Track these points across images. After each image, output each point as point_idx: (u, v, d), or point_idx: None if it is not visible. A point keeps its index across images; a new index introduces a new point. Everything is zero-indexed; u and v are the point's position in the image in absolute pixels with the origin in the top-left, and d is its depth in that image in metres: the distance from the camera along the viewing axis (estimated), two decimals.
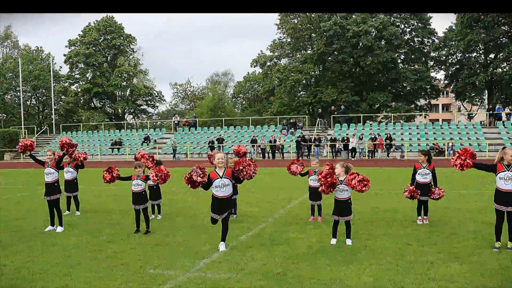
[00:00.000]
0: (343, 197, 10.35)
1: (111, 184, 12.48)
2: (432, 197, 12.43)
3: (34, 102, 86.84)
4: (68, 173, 15.08)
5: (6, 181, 29.07)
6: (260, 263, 8.92)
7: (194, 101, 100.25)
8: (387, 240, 10.60)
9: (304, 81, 69.39)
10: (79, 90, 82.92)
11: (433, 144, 45.29)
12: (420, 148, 43.22)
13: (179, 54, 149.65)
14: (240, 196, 14.69)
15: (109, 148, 57.47)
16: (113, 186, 15.41)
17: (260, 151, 49.70)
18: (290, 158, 41.23)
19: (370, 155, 45.57)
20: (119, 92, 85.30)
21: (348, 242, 10.29)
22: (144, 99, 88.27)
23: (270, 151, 49.17)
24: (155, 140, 58.73)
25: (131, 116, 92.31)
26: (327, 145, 47.66)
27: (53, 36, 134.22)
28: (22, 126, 68.31)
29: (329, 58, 66.05)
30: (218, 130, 59.03)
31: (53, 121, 74.47)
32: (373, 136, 46.45)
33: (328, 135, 50.57)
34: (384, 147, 45.88)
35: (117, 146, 57.12)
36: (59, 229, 12.42)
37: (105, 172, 12.07)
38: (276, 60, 77.87)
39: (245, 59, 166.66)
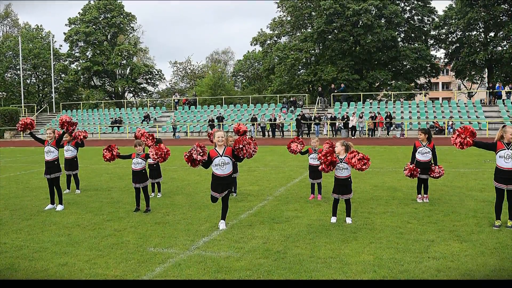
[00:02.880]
0: (343, 176, 10.30)
1: (111, 162, 12.41)
2: (432, 175, 12.41)
3: (34, 81, 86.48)
4: (68, 152, 15.06)
5: (6, 159, 29.01)
6: (260, 241, 8.92)
7: (194, 80, 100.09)
8: (387, 218, 10.60)
9: (304, 60, 69.22)
10: (79, 68, 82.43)
11: (433, 122, 45.30)
12: (420, 126, 43.28)
13: (179, 32, 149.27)
14: (240, 174, 14.77)
15: (109, 126, 57.52)
16: (113, 165, 15.42)
17: (260, 130, 49.91)
18: (290, 137, 41.55)
19: (370, 133, 45.79)
20: (119, 71, 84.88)
21: (348, 220, 10.30)
22: (144, 77, 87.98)
23: (270, 130, 49.34)
24: (155, 119, 58.87)
25: (131, 95, 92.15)
26: (327, 124, 47.93)
27: (53, 14, 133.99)
28: (22, 105, 68.18)
29: (329, 36, 65.61)
30: (218, 108, 59.19)
31: (53, 100, 74.29)
32: (373, 115, 46.66)
33: (328, 113, 50.75)
34: (384, 125, 46.10)
35: (117, 125, 57.18)
36: (59, 207, 12.44)
37: (105, 150, 12.03)
38: (276, 39, 77.76)
39: (245, 38, 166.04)
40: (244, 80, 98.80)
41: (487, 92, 54.44)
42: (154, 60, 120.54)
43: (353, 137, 44.13)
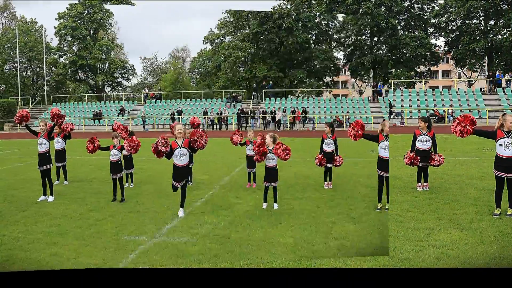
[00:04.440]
0: (271, 165, 11.43)
1: (93, 154, 13.04)
2: (432, 163, 12.46)
3: (29, 73, 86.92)
4: (58, 144, 15.45)
5: (3, 151, 29.29)
6: (210, 227, 9.80)
7: (159, 75, 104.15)
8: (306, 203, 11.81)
9: (243, 58, 73.27)
10: (67, 62, 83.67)
11: (433, 110, 45.36)
12: (420, 115, 43.22)
13: (147, 29, 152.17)
14: (194, 164, 15.56)
15: (91, 119, 58.96)
16: (94, 156, 15.93)
17: (210, 123, 53.37)
18: (233, 129, 43.26)
19: (291, 126, 50.66)
20: (100, 65, 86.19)
21: (275, 206, 11.38)
22: (119, 72, 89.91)
23: (217, 123, 53.92)
24: (128, 112, 60.75)
25: (109, 89, 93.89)
26: (260, 117, 52.99)
27: (46, 8, 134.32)
28: (19, 97, 68.32)
29: (261, 37, 69.54)
30: (178, 102, 62.61)
31: (45, 92, 75.01)
32: (293, 110, 51.91)
33: (261, 108, 54.99)
34: (301, 119, 51.31)
35: (98, 117, 58.75)
36: (50, 198, 12.83)
37: (88, 142, 12.68)
38: (222, 38, 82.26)
39: (200, 36, 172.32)
40: (198, 76, 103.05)
41: (487, 80, 54.42)
42: (128, 56, 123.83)
43: (278, 130, 47.75)
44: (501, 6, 60.83)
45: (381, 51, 70.05)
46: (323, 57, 70.43)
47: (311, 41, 73.16)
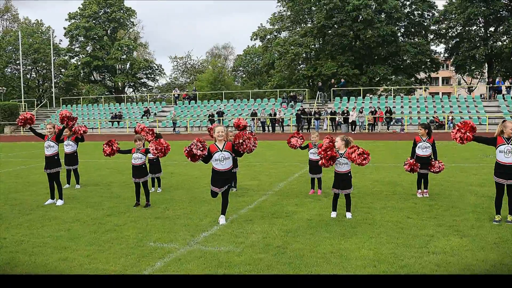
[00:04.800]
0: (343, 171, 10.31)
1: (111, 157, 12.42)
2: (432, 170, 12.43)
3: (34, 76, 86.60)
4: (68, 147, 15.08)
5: (6, 154, 29.01)
6: (260, 236, 8.92)
7: (194, 75, 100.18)
8: (387, 213, 10.61)
9: (304, 55, 69.12)
10: (79, 63, 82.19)
11: (433, 117, 45.29)
12: (420, 121, 43.22)
13: (179, 27, 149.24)
14: (240, 169, 14.75)
15: (109, 121, 57.38)
16: (113, 159, 15.46)
17: (260, 124, 49.82)
18: (290, 131, 41.37)
19: (370, 128, 45.68)
20: (119, 66, 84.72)
21: (348, 215, 10.31)
22: (144, 72, 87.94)
23: (270, 124, 49.34)
24: (155, 114, 58.72)
25: (131, 90, 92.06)
26: (327, 119, 47.74)
27: (53, 9, 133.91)
28: (22, 100, 68.11)
29: (329, 31, 65.66)
30: (218, 103, 58.96)
31: (53, 95, 74.33)
32: (373, 110, 46.51)
33: (328, 108, 50.62)
34: (384, 120, 46.03)
35: (117, 120, 57.07)
36: (59, 202, 12.45)
37: (105, 145, 12.03)
38: (276, 34, 77.25)
39: (245, 32, 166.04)
40: (244, 75, 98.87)
41: (487, 87, 54.36)
42: (154, 55, 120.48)
43: (353, 132, 44.15)
44: (501, 12, 60.87)
45: (499, 42, 63.24)
46: (415, 51, 63.00)
47: (399, 34, 67.10)
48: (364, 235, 8.85)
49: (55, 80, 78.33)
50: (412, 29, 68.90)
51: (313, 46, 68.60)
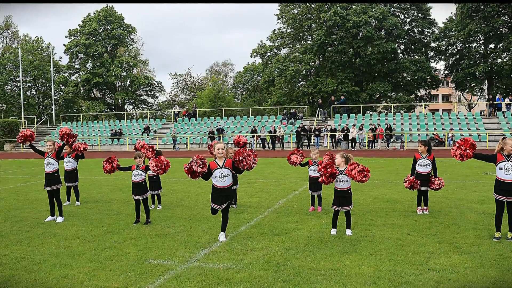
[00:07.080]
0: (343, 188, 10.27)
1: (111, 174, 12.41)
2: (432, 187, 12.43)
3: (34, 93, 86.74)
4: (68, 164, 15.06)
5: (6, 171, 29.00)
6: (260, 253, 8.90)
7: (194, 92, 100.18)
8: (387, 230, 10.59)
9: (304, 72, 69.42)
10: (79, 80, 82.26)
11: (433, 134, 45.33)
12: (420, 138, 43.28)
13: (179, 43, 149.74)
14: (240, 186, 14.80)
15: (109, 138, 57.44)
16: (113, 176, 15.44)
17: (260, 142, 49.79)
18: (290, 148, 41.50)
19: (370, 145, 45.80)
20: (119, 83, 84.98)
21: (348, 232, 10.29)
22: (144, 89, 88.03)
23: (270, 141, 49.24)
24: (155, 131, 58.78)
25: (131, 107, 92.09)
26: (327, 136, 47.79)
27: (53, 26, 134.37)
28: (22, 117, 68.28)
29: (329, 48, 66.13)
30: (218, 120, 59.04)
31: (53, 112, 74.51)
32: (373, 127, 46.65)
33: (328, 125, 50.57)
34: (384, 137, 46.11)
35: (117, 137, 57.13)
36: (59, 219, 12.44)
37: (105, 162, 12.03)
38: (276, 51, 77.42)
39: (245, 49, 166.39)
40: (244, 92, 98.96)
41: (487, 104, 54.51)
42: (154, 72, 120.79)
43: (353, 149, 44.12)
44: (501, 30, 61.18)
45: (499, 59, 63.39)
46: (415, 68, 64.13)
47: (399, 51, 68.09)
48: (364, 252, 8.84)
49: (55, 97, 78.54)
50: (412, 46, 69.29)
51: (313, 63, 69.07)
